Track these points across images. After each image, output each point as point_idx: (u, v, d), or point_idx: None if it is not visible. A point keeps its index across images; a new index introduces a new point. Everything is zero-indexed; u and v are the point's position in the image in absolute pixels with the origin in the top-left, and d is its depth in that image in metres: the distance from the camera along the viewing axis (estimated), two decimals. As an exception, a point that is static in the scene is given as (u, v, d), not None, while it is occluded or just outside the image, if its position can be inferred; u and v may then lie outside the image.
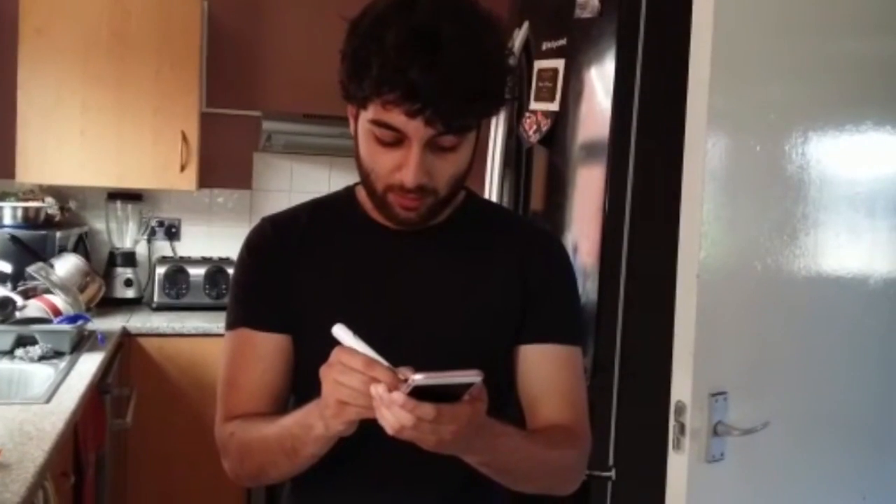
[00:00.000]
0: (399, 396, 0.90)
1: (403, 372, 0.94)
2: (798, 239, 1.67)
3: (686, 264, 1.55)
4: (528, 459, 1.11)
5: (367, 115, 1.08)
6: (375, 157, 1.10)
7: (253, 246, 1.25)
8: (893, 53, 1.81)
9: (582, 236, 2.20)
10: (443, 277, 1.20)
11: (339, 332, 0.99)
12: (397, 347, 1.10)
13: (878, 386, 1.89)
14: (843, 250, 1.78)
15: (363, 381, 0.94)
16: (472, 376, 0.92)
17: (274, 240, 1.24)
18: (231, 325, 1.23)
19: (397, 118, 1.03)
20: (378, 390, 0.92)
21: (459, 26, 1.03)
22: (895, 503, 1.92)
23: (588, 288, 2.13)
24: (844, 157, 1.76)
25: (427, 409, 0.91)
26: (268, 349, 1.20)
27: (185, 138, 3.40)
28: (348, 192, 1.28)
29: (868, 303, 1.84)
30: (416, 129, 1.04)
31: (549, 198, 2.37)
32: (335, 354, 0.98)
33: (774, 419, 1.61)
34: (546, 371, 1.21)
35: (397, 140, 1.06)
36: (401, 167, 1.07)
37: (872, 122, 1.79)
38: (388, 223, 1.18)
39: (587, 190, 2.19)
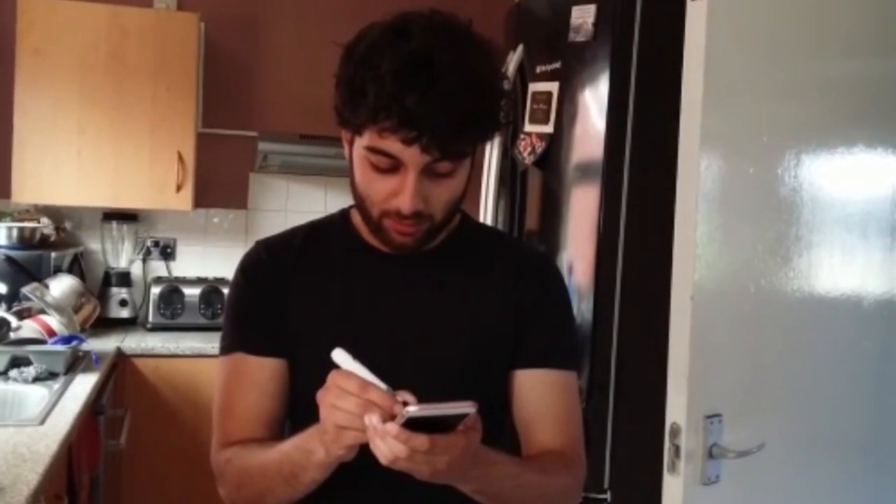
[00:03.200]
0: (392, 427, 0.90)
1: (402, 395, 0.94)
2: (792, 260, 1.68)
3: (680, 286, 1.56)
4: (523, 487, 1.10)
5: (362, 142, 1.08)
6: (371, 183, 1.10)
7: (247, 270, 1.25)
8: (884, 75, 1.83)
9: (577, 257, 2.21)
10: (438, 302, 1.20)
11: (339, 356, 0.98)
12: (393, 372, 1.09)
13: (874, 407, 1.89)
14: (836, 271, 1.78)
15: (358, 405, 0.93)
16: (466, 407, 0.92)
17: (268, 264, 1.23)
18: (225, 350, 1.22)
19: (393, 145, 1.03)
20: (372, 420, 0.91)
21: (454, 53, 1.03)
22: (891, 525, 1.92)
23: (583, 309, 2.13)
24: (837, 178, 1.77)
25: (421, 440, 0.90)
26: (263, 374, 1.19)
27: (181, 158, 3.41)
28: (343, 215, 1.28)
29: (862, 323, 1.84)
30: (412, 156, 1.04)
31: (543, 219, 2.38)
32: (331, 378, 0.97)
33: (770, 441, 1.61)
34: (541, 396, 1.21)
35: (393, 166, 1.06)
36: (397, 193, 1.08)
37: (864, 144, 1.80)
38: (384, 248, 1.18)
39: (582, 211, 2.20)
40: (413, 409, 0.89)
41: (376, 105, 1.01)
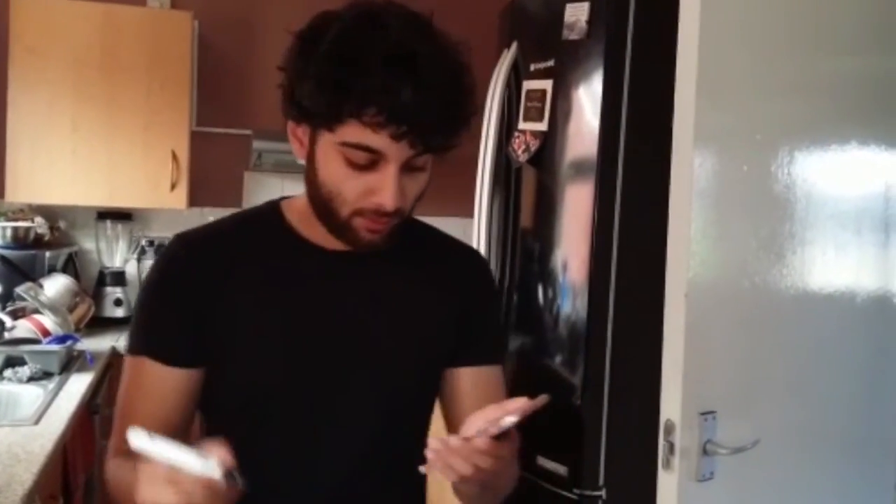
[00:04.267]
0: (484, 442, 0.89)
1: (212, 450, 0.87)
2: (786, 257, 1.68)
3: (674, 283, 1.56)
4: (502, 475, 1.08)
5: (333, 138, 1.04)
6: (344, 180, 1.05)
7: (164, 270, 1.17)
8: (878, 72, 1.84)
9: (571, 254, 2.21)
10: (382, 299, 1.17)
11: (136, 440, 0.89)
12: (334, 372, 1.09)
13: (868, 402, 1.90)
14: (830, 268, 1.79)
15: (178, 495, 0.86)
16: (541, 400, 0.93)
17: (188, 264, 1.15)
18: (132, 351, 1.15)
19: (379, 140, 1.01)
20: (450, 442, 0.91)
21: (433, 46, 1.02)
22: (885, 520, 1.92)
23: (577, 306, 2.13)
24: (830, 175, 1.78)
25: (506, 448, 0.91)
26: (167, 384, 1.12)
27: (175, 157, 3.40)
28: (272, 208, 1.22)
29: (856, 319, 1.85)
30: (398, 150, 1.02)
31: (538, 216, 2.38)
32: (140, 473, 0.89)
33: (764, 437, 1.61)
34: (482, 392, 1.21)
35: (372, 162, 1.03)
36: (375, 190, 1.04)
37: (857, 141, 1.80)
38: (326, 245, 1.14)
39: (576, 208, 2.20)
40: (511, 420, 0.89)
41: (363, 99, 0.98)
